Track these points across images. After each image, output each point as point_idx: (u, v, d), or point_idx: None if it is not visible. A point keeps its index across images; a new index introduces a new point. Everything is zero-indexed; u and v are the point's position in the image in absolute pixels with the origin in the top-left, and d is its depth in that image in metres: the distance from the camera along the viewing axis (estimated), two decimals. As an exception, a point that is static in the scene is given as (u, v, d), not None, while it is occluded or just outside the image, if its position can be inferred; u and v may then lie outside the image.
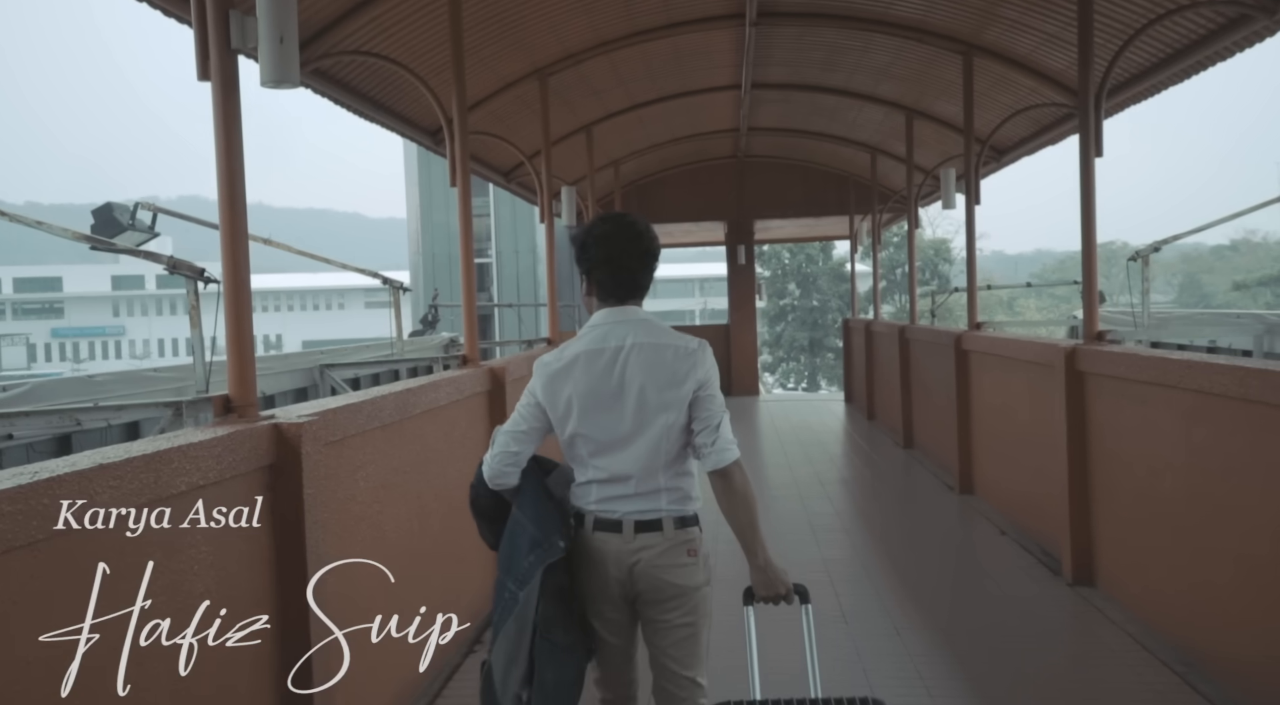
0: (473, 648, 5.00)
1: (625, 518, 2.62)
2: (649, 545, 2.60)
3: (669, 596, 2.61)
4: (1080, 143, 5.84)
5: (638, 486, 2.62)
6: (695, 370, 2.64)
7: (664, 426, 2.61)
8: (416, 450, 4.57)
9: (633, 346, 2.63)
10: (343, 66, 6.54)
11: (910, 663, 4.58)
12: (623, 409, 2.61)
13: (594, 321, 2.72)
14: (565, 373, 2.67)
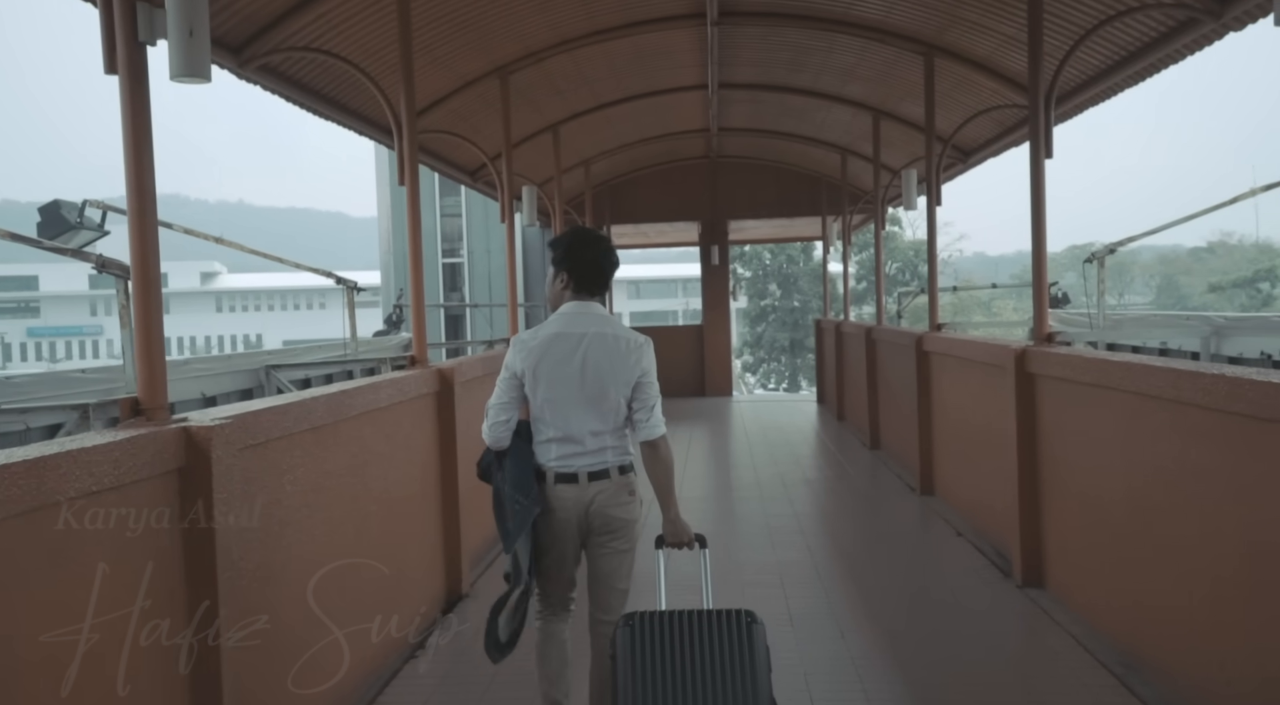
0: (414, 653, 4.94)
1: (580, 470, 3.35)
2: (601, 490, 3.36)
3: (615, 528, 3.40)
4: (1030, 144, 5.84)
5: (588, 445, 3.35)
6: (641, 360, 3.39)
7: (612, 400, 3.34)
8: (353, 452, 4.50)
9: (594, 334, 3.35)
10: (293, 63, 6.46)
11: (852, 666, 4.55)
12: (581, 382, 3.32)
13: (564, 310, 3.42)
14: (539, 349, 3.36)
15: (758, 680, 2.86)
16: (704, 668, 2.88)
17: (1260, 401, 3.21)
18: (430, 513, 5.70)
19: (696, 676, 2.86)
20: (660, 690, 2.85)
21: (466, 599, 5.88)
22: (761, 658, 2.91)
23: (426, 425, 5.68)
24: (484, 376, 7.06)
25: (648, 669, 2.89)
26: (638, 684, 2.87)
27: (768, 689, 2.88)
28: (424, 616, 5.38)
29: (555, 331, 3.37)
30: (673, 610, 3.02)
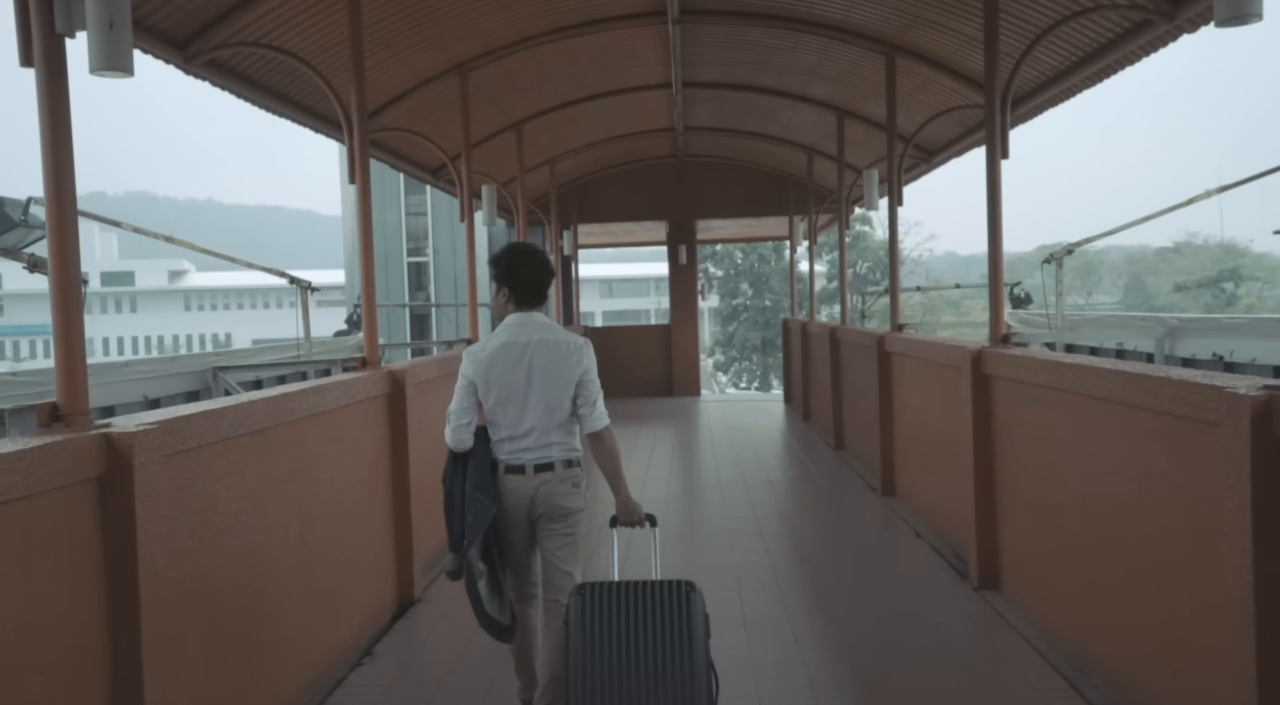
0: (360, 660, 4.85)
1: (528, 463, 3.70)
2: (545, 480, 3.70)
3: (560, 516, 3.71)
4: (987, 144, 5.82)
5: (536, 440, 3.69)
6: (582, 360, 3.74)
7: (556, 399, 3.69)
8: (296, 456, 4.41)
9: (537, 342, 3.70)
10: (243, 58, 6.34)
11: (802, 670, 4.51)
12: (528, 385, 3.68)
13: (508, 322, 3.77)
14: (489, 359, 3.72)
15: (695, 643, 3.17)
16: (647, 632, 3.19)
17: (1204, 405, 3.18)
18: (381, 517, 5.60)
19: (640, 640, 3.18)
20: (607, 652, 3.16)
21: (419, 604, 5.79)
22: (699, 623, 3.21)
23: (377, 428, 5.59)
24: (439, 378, 6.97)
25: (597, 633, 3.20)
26: (587, 647, 3.18)
27: (704, 651, 3.18)
28: (373, 622, 5.29)
29: (502, 342, 3.72)
30: (621, 581, 3.34)
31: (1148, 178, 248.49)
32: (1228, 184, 8.28)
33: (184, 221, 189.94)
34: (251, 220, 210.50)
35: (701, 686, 3.13)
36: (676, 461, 10.64)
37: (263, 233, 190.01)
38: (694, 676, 3.13)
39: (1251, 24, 3.94)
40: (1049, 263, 10.58)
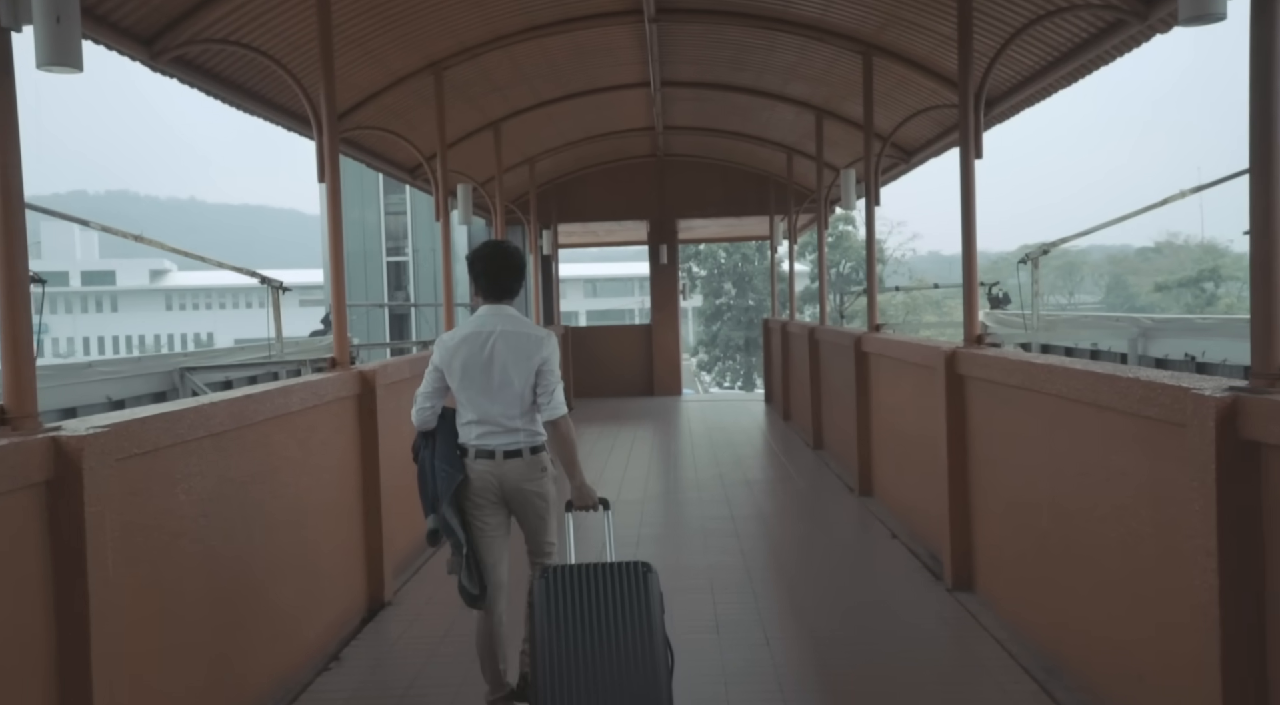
0: (328, 665, 4.79)
1: (497, 448, 3.88)
2: (514, 467, 3.89)
3: (529, 500, 3.94)
4: (960, 143, 5.80)
5: (503, 426, 3.87)
6: (541, 351, 3.90)
7: (519, 387, 3.86)
8: (260, 459, 4.34)
9: (500, 332, 3.89)
10: (212, 55, 6.26)
11: (774, 673, 4.47)
12: (492, 373, 3.86)
13: (479, 313, 3.99)
14: (456, 348, 3.92)
15: (652, 621, 3.39)
16: (607, 611, 3.40)
17: (1171, 406, 3.16)
18: (351, 519, 5.54)
19: (600, 619, 3.39)
20: (571, 631, 3.37)
21: (389, 607, 5.73)
22: (655, 602, 3.43)
23: (346, 429, 5.52)
24: (411, 378, 6.88)
25: (560, 614, 3.40)
26: (551, 627, 3.38)
27: (661, 628, 3.39)
28: (342, 625, 5.23)
29: (469, 331, 3.94)
30: (581, 564, 3.54)
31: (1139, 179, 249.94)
32: (1203, 184, 8.30)
33: (165, 220, 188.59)
34: (235, 219, 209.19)
35: (660, 660, 3.35)
36: (655, 462, 10.60)
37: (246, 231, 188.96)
38: (653, 651, 3.36)
39: (1214, 24, 3.93)
40: (1025, 263, 10.58)
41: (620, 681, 3.31)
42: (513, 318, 3.95)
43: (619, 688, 3.31)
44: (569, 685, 3.30)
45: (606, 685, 3.30)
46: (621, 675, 3.32)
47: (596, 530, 4.18)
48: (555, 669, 3.32)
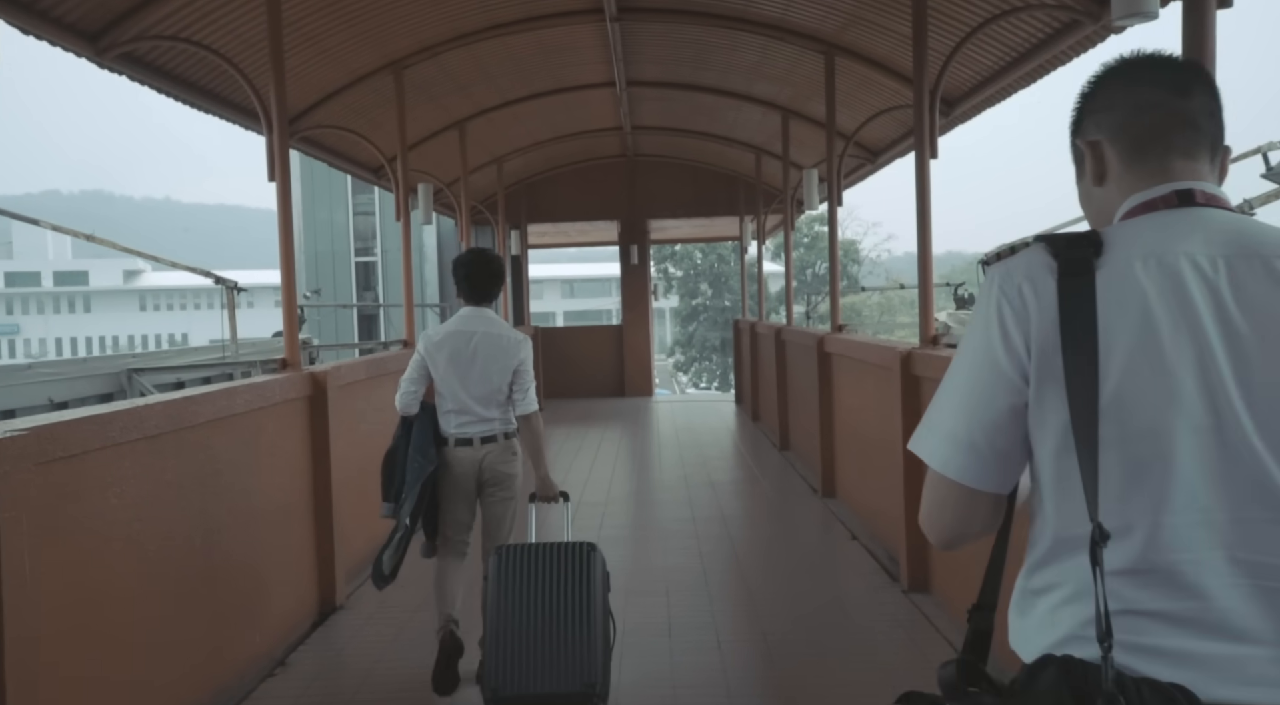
0: (273, 670, 4.72)
1: (474, 436, 4.38)
2: (490, 450, 4.39)
3: (501, 480, 4.42)
4: (915, 143, 5.80)
5: (479, 416, 4.36)
6: (518, 353, 4.40)
7: (496, 383, 4.37)
8: (202, 462, 4.27)
9: (482, 333, 4.38)
10: (163, 52, 6.17)
11: (722, 676, 4.45)
12: (471, 368, 4.35)
13: (461, 313, 4.46)
14: (440, 344, 4.40)
15: (593, 593, 3.77)
16: (554, 585, 3.80)
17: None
18: (301, 523, 5.47)
19: (548, 592, 3.78)
20: (520, 603, 3.76)
21: (341, 611, 5.66)
22: (598, 577, 3.81)
23: (296, 432, 5.45)
24: (369, 380, 6.84)
25: (511, 587, 3.79)
26: (503, 599, 3.78)
27: (601, 601, 3.78)
28: (291, 631, 5.16)
29: (453, 329, 4.42)
30: (533, 543, 3.95)
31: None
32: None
33: (140, 220, 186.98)
34: (210, 219, 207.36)
35: (599, 630, 3.72)
36: (620, 463, 10.55)
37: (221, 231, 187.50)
38: (591, 621, 3.74)
39: (1146, 23, 3.93)
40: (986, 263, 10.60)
41: (560, 648, 3.71)
42: (493, 321, 4.45)
43: (559, 653, 3.70)
44: (515, 650, 3.70)
45: (548, 650, 3.70)
46: (562, 642, 3.72)
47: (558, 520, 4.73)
48: (503, 635, 3.73)
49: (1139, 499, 1.26)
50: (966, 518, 1.44)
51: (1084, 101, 1.48)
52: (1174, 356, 1.25)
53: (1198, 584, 1.24)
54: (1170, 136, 1.39)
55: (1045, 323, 1.30)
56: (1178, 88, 1.40)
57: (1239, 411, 1.23)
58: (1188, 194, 1.36)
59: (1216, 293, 1.26)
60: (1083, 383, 1.26)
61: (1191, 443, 1.24)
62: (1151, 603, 1.25)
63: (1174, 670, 1.22)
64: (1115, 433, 1.26)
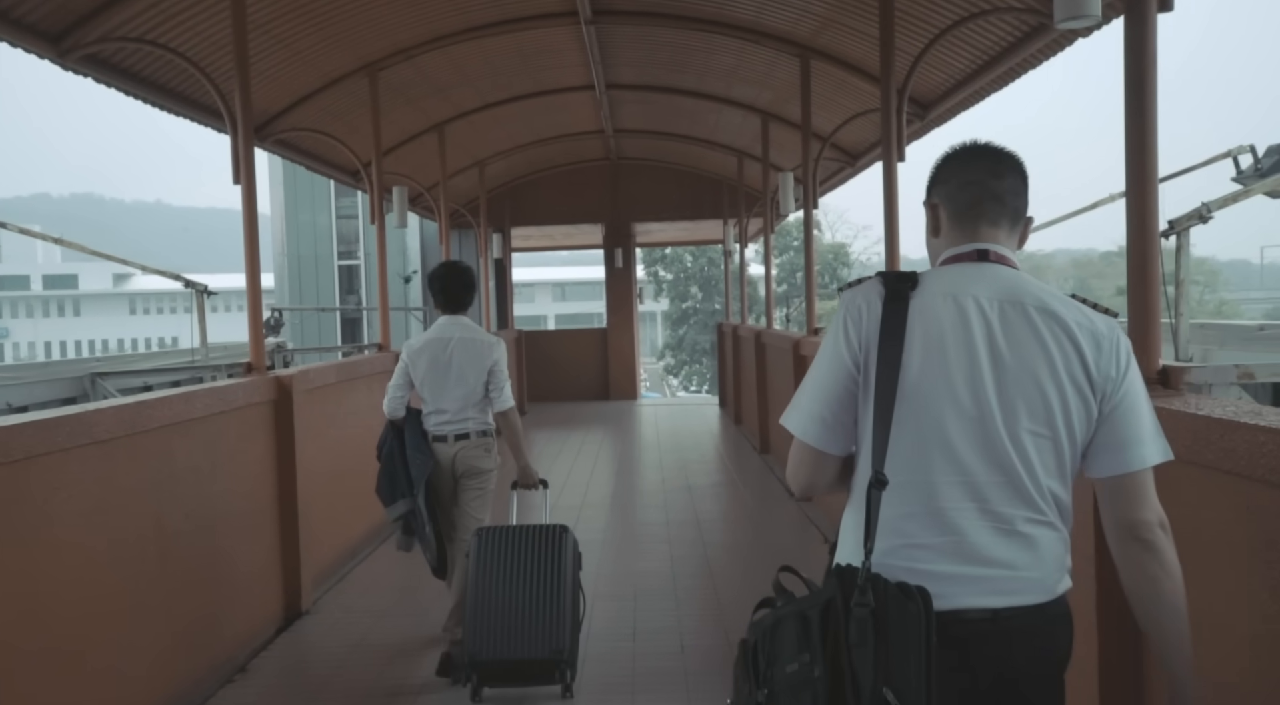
0: (233, 676, 4.68)
1: (449, 433, 4.67)
2: (463, 446, 4.67)
3: (475, 474, 4.70)
4: (882, 145, 5.79)
5: (455, 416, 4.66)
6: (492, 354, 4.70)
7: (471, 384, 4.66)
8: (157, 467, 4.23)
9: (459, 338, 4.70)
10: (129, 54, 6.13)
11: (683, 681, 4.43)
12: (449, 371, 4.66)
13: (439, 322, 4.79)
14: (420, 351, 4.72)
15: (564, 571, 4.24)
16: (529, 563, 4.24)
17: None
18: (265, 528, 5.43)
19: (523, 569, 4.23)
20: (498, 579, 4.21)
21: (307, 616, 5.62)
22: (569, 556, 4.28)
23: (260, 436, 5.41)
24: (338, 384, 6.82)
25: (490, 565, 4.25)
26: (482, 576, 4.23)
27: (572, 577, 4.26)
28: (253, 637, 5.12)
29: (431, 337, 4.74)
30: (511, 525, 4.42)
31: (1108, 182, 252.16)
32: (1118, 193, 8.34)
33: (130, 223, 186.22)
34: (200, 222, 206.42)
35: (568, 603, 4.18)
36: (599, 467, 10.52)
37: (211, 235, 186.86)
38: (562, 596, 4.18)
39: (1088, 24, 3.92)
40: None
41: (533, 618, 4.14)
42: (468, 326, 4.77)
43: (532, 623, 4.13)
44: (493, 620, 4.13)
45: (522, 621, 4.13)
46: (535, 614, 4.15)
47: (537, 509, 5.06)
48: (482, 606, 4.16)
49: (922, 463, 1.76)
50: (817, 473, 1.92)
51: (933, 172, 1.97)
52: (954, 366, 1.76)
53: (957, 525, 1.75)
54: (982, 207, 1.89)
55: (871, 329, 1.81)
56: (994, 171, 1.89)
57: (994, 409, 1.75)
58: (984, 253, 1.88)
59: (989, 325, 1.78)
60: (887, 376, 1.77)
61: (959, 427, 1.75)
62: (925, 538, 1.76)
63: (935, 584, 1.68)
64: (910, 414, 1.76)
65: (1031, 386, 1.76)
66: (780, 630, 1.78)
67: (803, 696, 1.68)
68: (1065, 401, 1.76)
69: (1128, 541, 1.81)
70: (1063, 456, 1.78)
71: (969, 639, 1.72)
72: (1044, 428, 1.76)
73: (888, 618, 1.64)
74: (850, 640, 1.65)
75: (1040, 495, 1.77)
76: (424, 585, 6.43)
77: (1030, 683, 1.77)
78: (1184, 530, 2.67)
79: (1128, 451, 1.79)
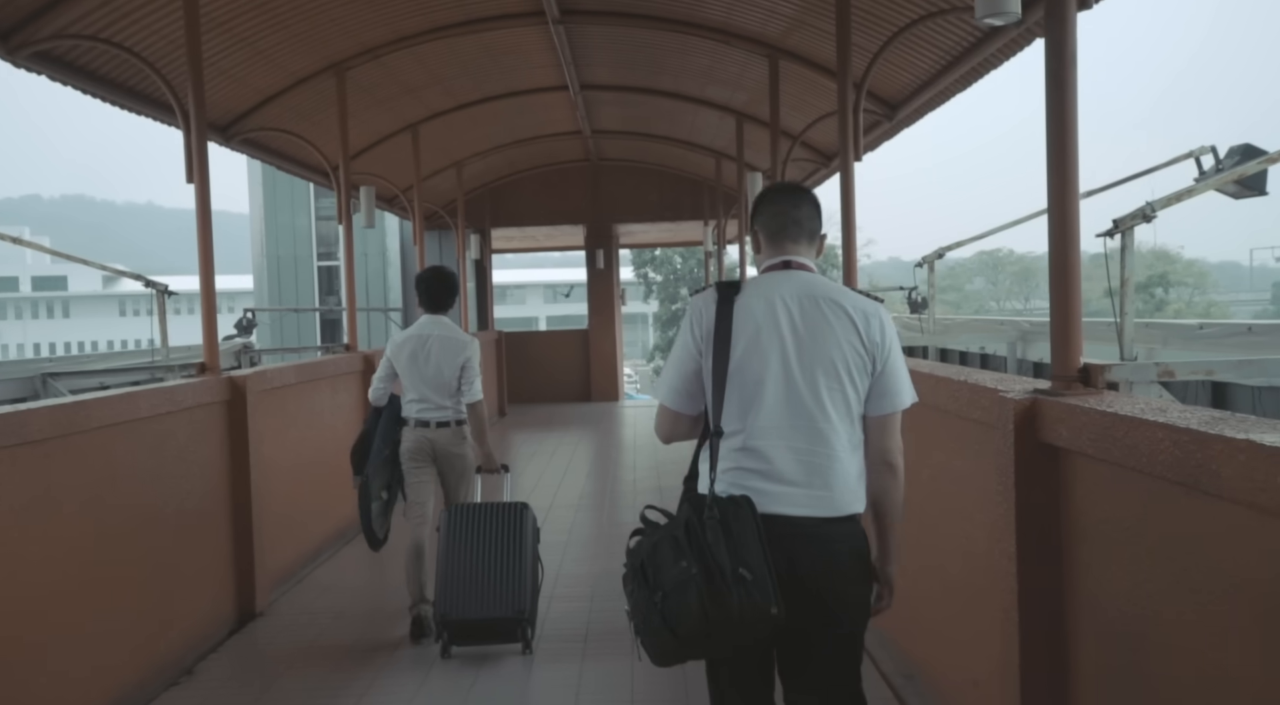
0: (178, 679, 4.64)
1: (430, 420, 5.16)
2: (442, 434, 5.17)
3: (452, 459, 5.20)
4: (839, 144, 5.78)
5: (435, 403, 5.16)
6: (465, 351, 5.20)
7: (448, 376, 5.16)
8: (97, 468, 4.19)
9: (437, 336, 5.20)
10: (83, 51, 6.09)
11: (628, 685, 4.39)
12: (427, 367, 5.16)
13: (420, 321, 5.30)
14: (403, 345, 5.23)
15: (524, 543, 4.82)
16: (492, 536, 4.82)
17: (988, 408, 3.12)
18: (217, 530, 5.38)
19: (488, 540, 4.81)
20: (465, 551, 4.79)
21: (261, 618, 5.58)
22: (529, 530, 4.88)
23: (212, 437, 5.37)
24: (298, 384, 6.78)
25: (459, 536, 4.82)
26: (452, 547, 4.81)
27: (531, 549, 4.87)
28: (203, 639, 5.07)
29: (413, 333, 5.26)
30: (478, 503, 5.04)
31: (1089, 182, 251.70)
32: (1092, 189, 8.37)
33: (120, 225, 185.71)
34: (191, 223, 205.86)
35: (527, 574, 4.76)
36: (573, 468, 10.49)
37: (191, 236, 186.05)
38: (523, 564, 4.77)
39: (1009, 20, 3.91)
40: (920, 266, 10.61)
41: (497, 583, 4.71)
42: (446, 325, 5.28)
43: (496, 587, 4.70)
44: (461, 584, 4.69)
45: (487, 585, 4.70)
46: (498, 579, 4.71)
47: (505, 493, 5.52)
48: (451, 573, 4.73)
49: (747, 414, 2.46)
50: (675, 426, 2.67)
51: (754, 208, 2.69)
52: (767, 347, 2.47)
53: (770, 456, 2.45)
54: (786, 230, 2.60)
55: (708, 325, 2.52)
56: (794, 203, 2.63)
57: (796, 375, 2.45)
58: (788, 263, 2.59)
59: (791, 315, 2.48)
60: (720, 358, 2.48)
61: (773, 388, 2.45)
62: (749, 464, 2.46)
63: (758, 498, 2.39)
64: (737, 381, 2.47)
65: (824, 355, 2.45)
66: (660, 549, 2.38)
67: (688, 589, 2.27)
68: (848, 363, 2.45)
69: (879, 463, 2.56)
70: (850, 404, 2.47)
71: (783, 535, 2.37)
72: (835, 383, 2.44)
73: (730, 521, 2.32)
74: (709, 542, 2.30)
75: (834, 435, 2.45)
76: (385, 586, 6.41)
77: (827, 568, 2.43)
78: (1086, 523, 2.66)
79: (893, 397, 2.51)
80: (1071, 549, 2.73)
